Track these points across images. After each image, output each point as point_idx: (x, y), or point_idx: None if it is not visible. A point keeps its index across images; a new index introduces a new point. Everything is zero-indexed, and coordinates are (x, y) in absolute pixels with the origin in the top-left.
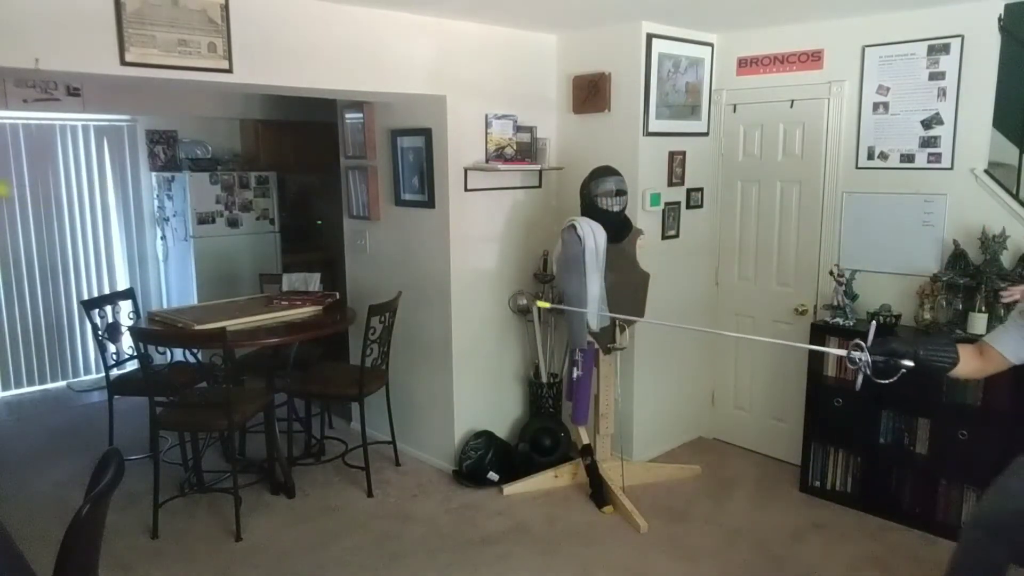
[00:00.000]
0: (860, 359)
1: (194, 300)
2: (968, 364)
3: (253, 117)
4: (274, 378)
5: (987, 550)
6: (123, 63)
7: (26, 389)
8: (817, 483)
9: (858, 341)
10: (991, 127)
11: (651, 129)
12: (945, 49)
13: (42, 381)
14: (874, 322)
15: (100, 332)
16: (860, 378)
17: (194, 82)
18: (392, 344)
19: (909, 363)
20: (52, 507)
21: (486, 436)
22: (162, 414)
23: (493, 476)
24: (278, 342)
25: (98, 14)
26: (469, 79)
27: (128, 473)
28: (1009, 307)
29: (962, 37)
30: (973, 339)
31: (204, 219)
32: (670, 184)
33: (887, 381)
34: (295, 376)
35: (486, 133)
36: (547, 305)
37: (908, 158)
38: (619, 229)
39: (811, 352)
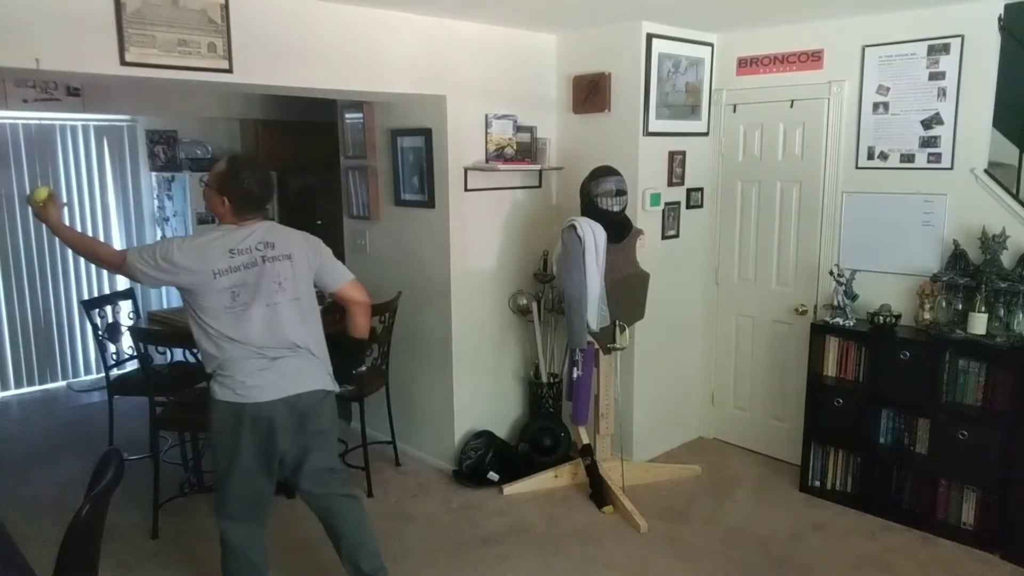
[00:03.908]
0: None
1: None
2: None
3: (253, 117)
4: None
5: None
6: (123, 63)
7: (26, 389)
8: (817, 483)
9: None
10: (991, 127)
11: (651, 129)
12: (945, 49)
13: (42, 381)
14: None
15: (100, 332)
16: None
17: (194, 82)
18: (392, 344)
19: None
20: (52, 507)
21: (486, 436)
22: (162, 414)
23: (493, 476)
24: None
25: (98, 14)
26: (469, 79)
27: (128, 473)
28: (1008, 306)
29: (962, 37)
30: (974, 339)
31: (204, 219)
32: (670, 184)
33: None
34: None
35: (486, 133)
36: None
37: (908, 158)
38: (619, 229)
39: (811, 352)
